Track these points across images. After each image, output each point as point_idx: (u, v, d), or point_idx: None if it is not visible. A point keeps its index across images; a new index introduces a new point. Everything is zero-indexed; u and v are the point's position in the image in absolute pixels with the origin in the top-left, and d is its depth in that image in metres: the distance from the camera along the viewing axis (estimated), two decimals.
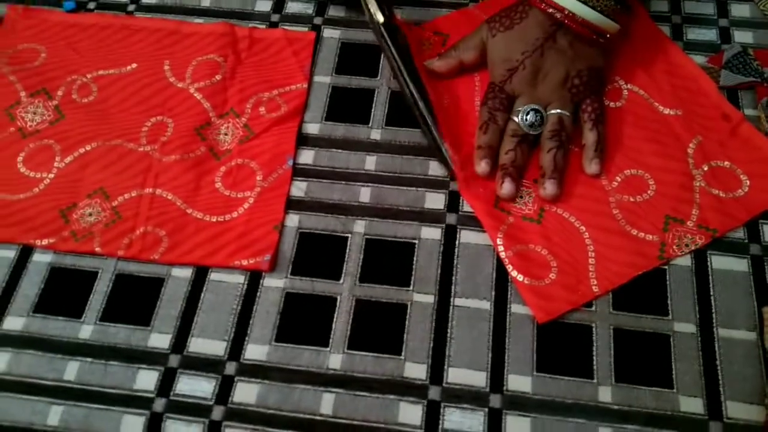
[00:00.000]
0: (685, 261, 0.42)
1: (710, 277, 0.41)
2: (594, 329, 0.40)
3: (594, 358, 0.39)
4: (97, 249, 0.43)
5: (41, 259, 0.44)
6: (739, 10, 0.52)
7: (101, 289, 0.42)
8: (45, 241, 0.44)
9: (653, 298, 0.41)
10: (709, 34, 0.51)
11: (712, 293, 0.41)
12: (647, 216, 0.43)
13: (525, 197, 0.44)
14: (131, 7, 0.54)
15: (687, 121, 0.46)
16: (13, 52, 0.51)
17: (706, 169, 0.44)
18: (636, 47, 0.50)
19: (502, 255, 0.42)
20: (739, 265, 0.42)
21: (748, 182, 0.44)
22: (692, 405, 0.38)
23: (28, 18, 0.53)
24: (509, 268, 0.42)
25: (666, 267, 0.42)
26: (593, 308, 0.41)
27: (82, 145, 0.47)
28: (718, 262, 0.42)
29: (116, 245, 0.43)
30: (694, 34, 0.51)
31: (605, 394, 0.38)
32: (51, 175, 0.46)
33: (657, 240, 0.42)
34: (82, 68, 0.51)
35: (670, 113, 0.47)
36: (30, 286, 0.43)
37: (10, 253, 0.44)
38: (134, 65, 0.51)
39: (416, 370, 0.39)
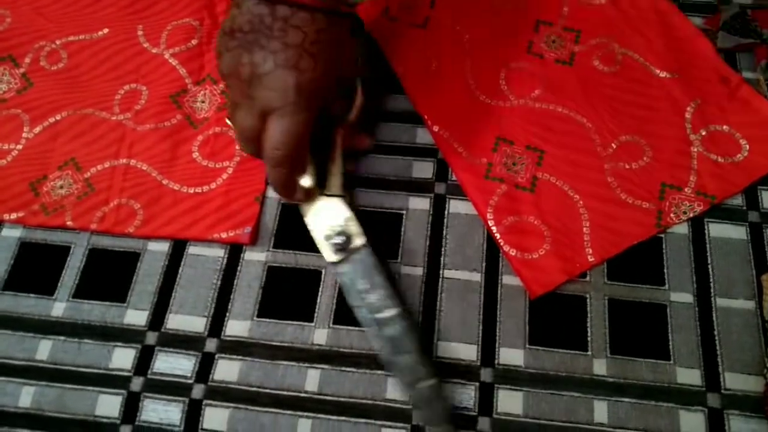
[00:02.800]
0: (682, 229, 0.40)
1: (708, 246, 0.40)
2: (588, 300, 0.39)
3: (588, 329, 0.38)
4: (69, 223, 0.41)
5: (10, 234, 0.42)
6: None
7: (74, 265, 0.40)
8: (14, 215, 0.42)
9: (649, 268, 0.39)
10: None
11: (709, 262, 0.40)
12: (643, 183, 0.41)
13: (518, 165, 0.42)
14: None
15: (684, 84, 0.45)
16: None
17: (704, 133, 0.43)
18: (630, 7, 0.48)
19: (494, 230, 0.40)
20: (737, 232, 0.40)
21: (747, 146, 0.42)
22: (690, 376, 0.36)
23: None
24: (501, 242, 0.40)
25: (662, 235, 0.40)
26: (587, 278, 0.39)
27: (52, 114, 0.45)
28: (716, 229, 0.40)
29: (89, 218, 0.41)
30: None
31: (600, 367, 0.37)
32: (19, 147, 0.44)
33: (654, 208, 0.41)
34: (51, 34, 0.48)
35: (667, 76, 0.45)
36: None
37: None
38: (106, 30, 0.48)
39: None
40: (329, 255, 0.39)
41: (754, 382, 0.36)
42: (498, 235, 0.40)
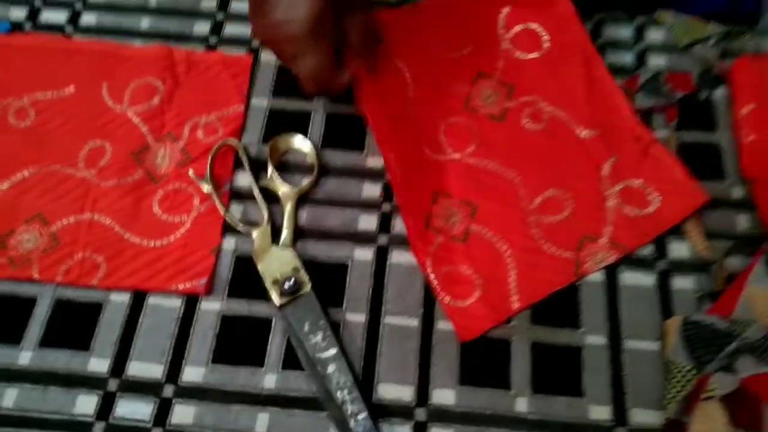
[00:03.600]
0: (597, 277, 0.45)
1: (619, 292, 0.45)
2: (513, 343, 0.43)
3: (511, 370, 0.42)
4: (36, 275, 0.44)
5: None
6: (655, 35, 0.55)
7: (40, 315, 0.43)
8: None
9: (568, 313, 0.44)
10: (627, 58, 0.54)
11: (620, 307, 0.44)
12: (564, 234, 0.46)
13: (454, 217, 0.47)
14: (69, 29, 0.55)
15: (603, 142, 0.49)
16: None
17: (618, 188, 0.48)
18: (560, 63, 0.53)
19: (431, 278, 0.44)
20: (647, 280, 0.45)
21: (658, 199, 0.47)
22: (600, 412, 0.41)
23: None
24: (437, 290, 0.44)
25: (579, 283, 0.45)
26: (512, 323, 0.43)
27: (20, 170, 0.48)
28: (628, 277, 0.45)
29: (54, 271, 0.44)
30: (614, 57, 0.54)
31: (522, 405, 0.41)
32: None
33: (572, 257, 0.45)
34: (19, 91, 0.51)
35: (587, 135, 0.50)
36: None
37: None
38: (72, 88, 0.51)
39: None
40: (277, 299, 0.43)
41: (656, 416, 0.41)
42: (435, 283, 0.44)
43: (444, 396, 0.41)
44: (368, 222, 0.47)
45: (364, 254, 0.46)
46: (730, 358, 0.39)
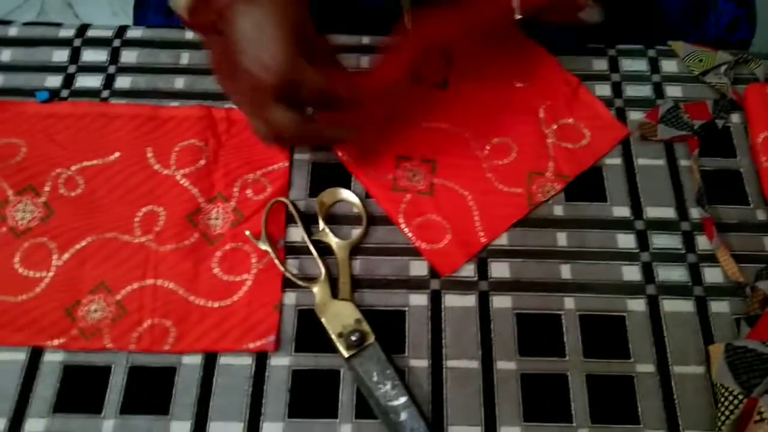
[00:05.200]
0: (640, 306, 0.48)
1: (663, 320, 0.48)
2: (569, 377, 0.46)
3: (572, 403, 0.45)
4: (109, 345, 0.46)
5: (52, 358, 0.46)
6: (669, 66, 0.58)
7: (117, 383, 0.45)
8: (56, 341, 0.46)
9: (617, 343, 0.47)
10: (645, 90, 0.57)
11: (665, 335, 0.47)
12: (513, 174, 0.53)
13: (417, 175, 0.52)
14: (105, 93, 0.56)
15: (536, 90, 0.57)
16: None
17: (555, 127, 0.55)
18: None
19: (405, 231, 0.50)
20: (686, 306, 0.48)
21: (589, 134, 0.54)
22: None
23: (3, 111, 0.54)
24: (413, 239, 0.50)
25: (625, 314, 0.48)
26: (567, 358, 0.46)
27: (77, 240, 0.49)
28: (668, 305, 0.48)
29: (126, 340, 0.46)
30: (633, 90, 0.57)
31: None
32: (50, 274, 0.48)
33: (524, 192, 0.52)
34: (66, 161, 0.52)
35: (521, 86, 0.57)
36: (45, 387, 0.45)
37: (21, 356, 0.46)
38: (117, 154, 0.53)
39: None
40: (344, 351, 0.45)
41: None
42: (410, 234, 0.50)
43: None
44: (419, 268, 0.49)
45: (419, 300, 0.48)
46: None
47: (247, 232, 0.49)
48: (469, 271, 0.49)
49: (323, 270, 0.48)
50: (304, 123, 0.45)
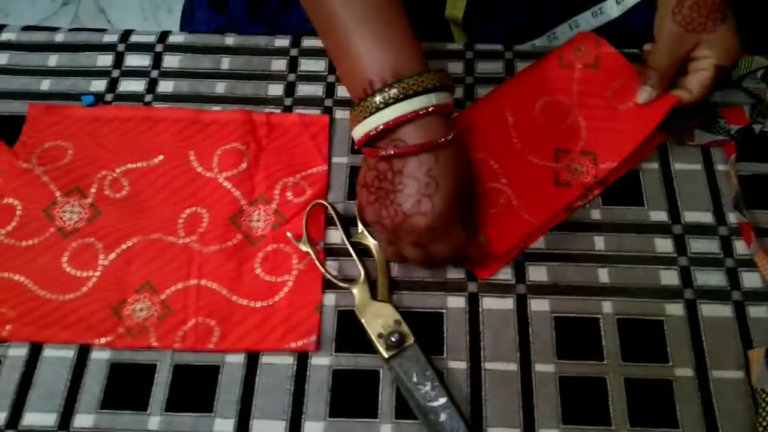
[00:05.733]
0: (679, 311, 0.48)
1: (701, 324, 0.48)
2: (608, 380, 0.46)
3: (610, 406, 0.45)
4: (154, 344, 0.47)
5: (99, 356, 0.47)
6: None
7: (162, 381, 0.46)
8: (103, 340, 0.47)
9: (655, 348, 0.47)
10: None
11: (703, 339, 0.47)
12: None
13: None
14: (148, 97, 0.57)
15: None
16: (41, 151, 0.54)
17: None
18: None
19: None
20: (724, 310, 0.48)
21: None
22: None
23: (51, 115, 0.56)
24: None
25: (663, 318, 0.48)
26: (605, 361, 0.46)
27: (123, 241, 0.51)
28: (706, 309, 0.48)
29: (171, 338, 0.47)
30: None
31: None
32: (97, 273, 0.49)
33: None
34: (111, 163, 0.54)
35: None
36: (93, 384, 0.46)
37: (69, 353, 0.47)
38: (161, 157, 0.54)
39: None
40: (384, 352, 0.46)
41: None
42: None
43: None
44: (456, 270, 0.50)
45: (457, 302, 0.49)
46: None
47: (289, 234, 0.50)
48: (506, 274, 0.50)
49: (362, 271, 0.49)
50: (430, 261, 0.46)
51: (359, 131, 0.43)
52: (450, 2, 0.61)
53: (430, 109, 0.41)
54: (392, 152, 0.42)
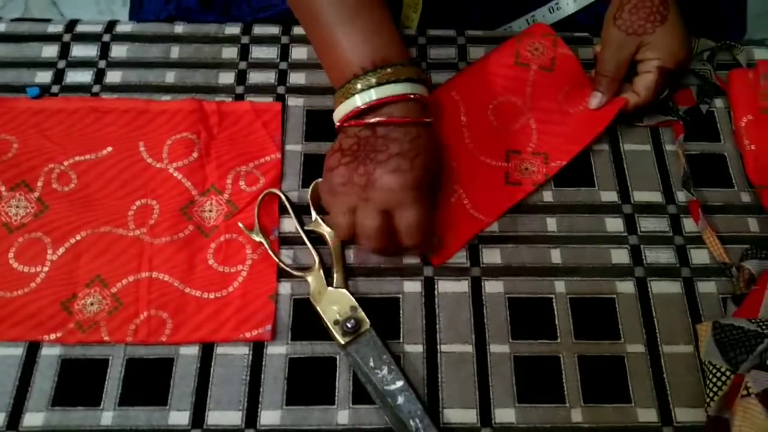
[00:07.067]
0: (629, 288, 0.49)
1: (651, 301, 0.49)
2: (561, 359, 0.46)
3: (564, 384, 0.46)
4: (106, 338, 0.46)
5: (50, 352, 0.46)
6: None
7: (114, 375, 0.45)
8: (53, 336, 0.46)
9: (607, 325, 0.48)
10: None
11: (654, 315, 0.48)
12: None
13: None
14: (96, 88, 0.56)
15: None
16: None
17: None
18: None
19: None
20: (674, 287, 0.49)
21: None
22: (647, 415, 0.45)
23: None
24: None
25: (614, 296, 0.49)
26: (558, 340, 0.47)
27: (72, 235, 0.49)
28: (656, 286, 0.49)
29: (123, 332, 0.46)
30: None
31: (577, 416, 0.45)
32: (45, 269, 0.48)
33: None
34: (58, 156, 0.52)
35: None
36: (44, 381, 0.45)
37: (18, 351, 0.46)
38: (110, 149, 0.53)
39: None
40: (341, 338, 0.46)
41: (699, 414, 0.45)
42: None
43: (505, 415, 0.45)
44: (412, 255, 0.50)
45: (413, 286, 0.49)
46: (762, 356, 0.43)
47: (240, 224, 0.49)
48: (461, 257, 0.50)
49: (317, 259, 0.49)
50: (386, 234, 0.46)
51: (347, 106, 0.46)
52: (403, 14, 0.61)
53: (413, 96, 0.46)
54: (382, 120, 0.45)
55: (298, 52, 0.58)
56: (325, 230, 0.50)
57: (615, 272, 0.49)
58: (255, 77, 0.57)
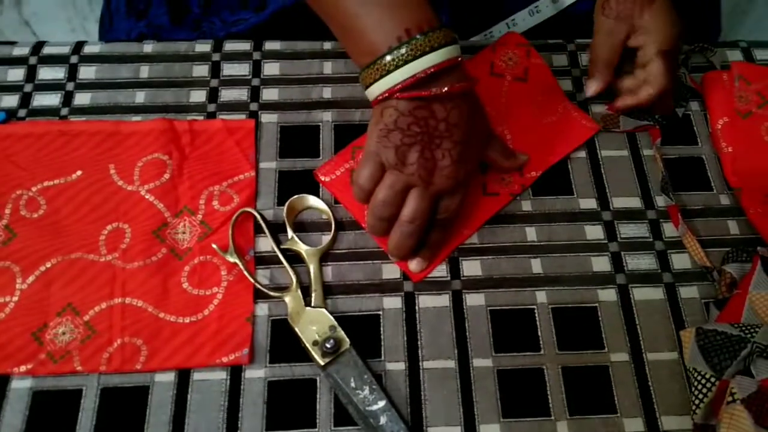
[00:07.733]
0: (612, 296, 0.48)
1: (634, 308, 0.48)
2: (545, 371, 0.46)
3: (549, 397, 0.45)
4: (78, 368, 0.45)
5: (20, 385, 0.45)
6: None
7: (88, 406, 0.44)
8: (23, 368, 0.45)
9: (590, 335, 0.47)
10: None
11: (637, 322, 0.48)
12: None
13: None
14: (64, 111, 0.55)
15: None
16: None
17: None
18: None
19: None
20: (656, 293, 0.49)
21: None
22: (634, 425, 0.44)
23: None
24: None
25: (596, 305, 0.48)
26: (542, 352, 0.46)
27: (42, 262, 0.48)
28: (638, 293, 0.49)
29: (96, 361, 0.45)
30: None
31: (562, 428, 0.44)
32: (15, 298, 0.47)
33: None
34: (26, 182, 0.51)
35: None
36: (14, 415, 0.44)
37: None
38: (79, 172, 0.52)
39: None
40: (320, 359, 0.45)
41: (685, 421, 0.44)
42: None
43: (491, 431, 0.44)
44: (391, 271, 0.49)
45: (393, 302, 0.48)
46: (746, 361, 0.42)
47: (214, 245, 0.48)
48: (441, 271, 0.49)
49: (294, 279, 0.48)
50: (426, 218, 0.47)
51: (389, 81, 0.42)
52: None
53: (459, 59, 0.44)
54: (445, 89, 0.42)
55: (270, 68, 0.57)
56: (302, 248, 0.49)
57: (596, 280, 0.49)
58: (227, 94, 0.56)
